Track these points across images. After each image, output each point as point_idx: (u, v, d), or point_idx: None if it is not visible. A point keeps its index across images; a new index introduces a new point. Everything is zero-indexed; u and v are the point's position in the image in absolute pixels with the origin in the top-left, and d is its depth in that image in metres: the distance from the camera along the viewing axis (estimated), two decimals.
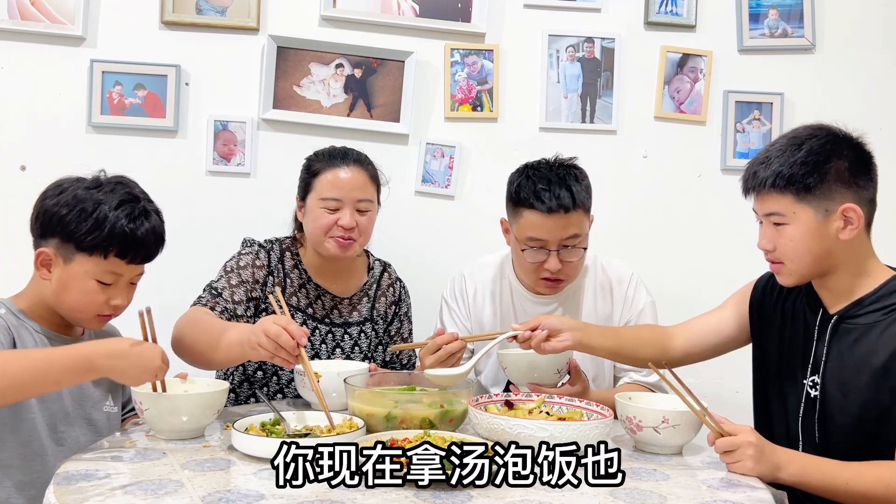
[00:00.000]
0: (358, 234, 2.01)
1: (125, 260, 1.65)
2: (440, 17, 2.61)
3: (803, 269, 1.63)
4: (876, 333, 1.57)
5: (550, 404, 1.69)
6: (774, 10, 2.70)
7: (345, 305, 2.12)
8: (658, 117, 2.71)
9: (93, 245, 1.61)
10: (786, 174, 1.58)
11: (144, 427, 1.65)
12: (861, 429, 1.58)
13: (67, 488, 1.28)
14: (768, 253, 1.66)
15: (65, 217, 1.61)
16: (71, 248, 1.62)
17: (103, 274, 1.64)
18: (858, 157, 1.63)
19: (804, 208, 1.58)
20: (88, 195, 1.63)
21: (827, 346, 1.64)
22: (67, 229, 1.61)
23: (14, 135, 2.49)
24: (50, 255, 1.64)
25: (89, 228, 1.61)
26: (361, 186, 2.03)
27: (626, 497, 1.30)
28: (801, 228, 1.59)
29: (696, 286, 2.67)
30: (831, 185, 1.57)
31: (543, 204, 1.93)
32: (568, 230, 1.95)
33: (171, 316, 2.15)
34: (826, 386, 1.63)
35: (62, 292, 1.64)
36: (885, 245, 2.18)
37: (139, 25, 2.52)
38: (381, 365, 2.15)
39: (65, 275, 1.63)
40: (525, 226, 1.97)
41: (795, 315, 1.73)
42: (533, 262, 1.98)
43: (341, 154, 2.07)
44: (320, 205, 2.01)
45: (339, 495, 1.25)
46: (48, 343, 1.66)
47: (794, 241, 1.60)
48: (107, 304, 1.67)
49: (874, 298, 1.61)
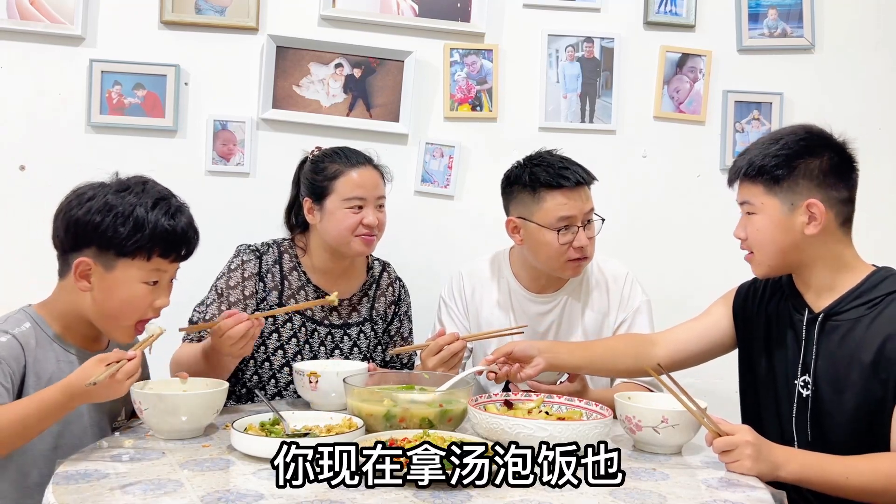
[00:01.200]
0: (379, 230, 2.06)
1: (168, 259, 1.63)
2: (439, 17, 2.61)
3: (770, 260, 1.68)
4: (862, 328, 1.60)
5: (550, 404, 1.69)
6: (774, 10, 2.70)
7: (344, 306, 2.12)
8: (657, 117, 2.71)
9: (136, 248, 1.58)
10: (757, 164, 1.65)
11: (144, 427, 1.65)
12: (855, 424, 1.59)
13: (66, 488, 1.28)
14: (742, 242, 1.73)
15: (100, 224, 1.57)
16: (111, 255, 1.58)
17: (149, 275, 1.61)
18: (836, 159, 1.65)
19: (772, 199, 1.65)
20: (119, 199, 1.59)
21: (816, 344, 1.66)
22: (105, 236, 1.57)
23: (13, 134, 2.49)
24: (90, 264, 1.59)
25: (129, 232, 1.57)
26: (379, 184, 2.07)
27: (626, 497, 1.30)
28: (767, 219, 1.66)
29: (695, 285, 2.66)
30: (798, 180, 1.63)
31: (569, 180, 1.99)
32: (588, 203, 2.04)
33: (170, 314, 2.16)
34: (818, 385, 1.65)
35: (106, 300, 1.61)
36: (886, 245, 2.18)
37: (138, 25, 2.52)
38: (380, 365, 2.15)
39: (107, 282, 1.59)
40: (552, 208, 2.00)
41: (780, 317, 1.76)
42: (564, 243, 2.00)
43: (355, 154, 2.08)
44: (345, 206, 2.01)
45: (338, 495, 1.25)
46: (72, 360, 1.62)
47: (760, 231, 1.67)
48: (151, 306, 1.64)
49: (857, 293, 1.64)
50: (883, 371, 1.55)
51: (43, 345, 1.61)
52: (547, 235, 2.00)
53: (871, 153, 2.71)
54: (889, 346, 1.55)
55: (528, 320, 2.13)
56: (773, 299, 1.79)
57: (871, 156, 2.69)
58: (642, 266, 2.32)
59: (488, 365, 1.85)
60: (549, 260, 2.05)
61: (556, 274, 2.08)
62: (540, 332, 2.14)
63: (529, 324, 2.12)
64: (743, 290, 1.87)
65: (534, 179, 2.02)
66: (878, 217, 2.68)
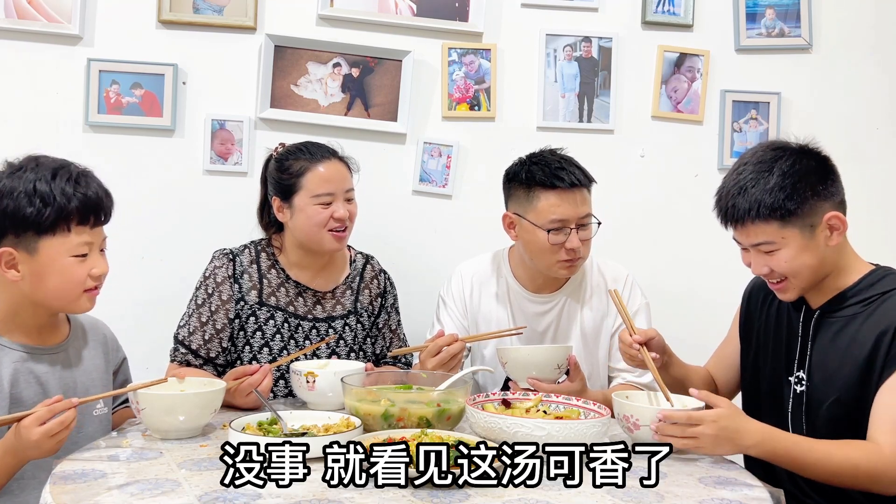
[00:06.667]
0: (350, 221, 2.06)
1: (88, 225, 1.60)
2: (438, 17, 2.61)
3: (804, 283, 1.67)
4: (857, 325, 1.62)
5: (547, 403, 1.69)
6: (771, 10, 2.70)
7: (327, 300, 2.12)
8: (655, 117, 2.71)
9: (53, 222, 1.55)
10: (767, 203, 1.60)
11: (141, 426, 1.65)
12: (847, 419, 1.61)
13: (64, 487, 1.28)
14: (767, 276, 1.69)
15: (7, 209, 1.55)
16: (30, 236, 1.56)
17: (75, 247, 1.58)
18: (821, 166, 1.66)
19: (790, 231, 1.62)
20: (17, 180, 1.56)
21: (811, 341, 1.69)
22: (17, 219, 1.55)
23: (10, 134, 2.48)
24: (12, 253, 1.57)
25: (39, 208, 1.54)
26: (346, 177, 2.07)
27: (624, 496, 1.30)
28: (792, 250, 1.63)
29: (693, 286, 2.68)
30: (810, 203, 1.61)
31: (563, 181, 1.97)
32: (584, 207, 2.01)
33: (169, 312, 2.17)
34: (812, 380, 1.68)
35: (40, 283, 1.58)
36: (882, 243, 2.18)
37: (136, 24, 2.51)
38: (371, 358, 2.16)
39: (36, 265, 1.57)
40: (545, 208, 1.99)
41: (780, 315, 1.78)
42: (555, 243, 1.99)
43: (319, 149, 2.08)
44: (314, 202, 2.01)
45: (336, 495, 1.25)
46: (28, 359, 1.62)
47: (789, 262, 1.64)
48: (89, 276, 1.61)
49: (855, 291, 1.65)
50: (877, 368, 1.57)
51: None
52: (539, 234, 2.01)
53: (869, 152, 2.75)
54: (882, 341, 1.57)
55: (526, 320, 2.13)
56: (775, 298, 1.79)
57: (868, 155, 2.73)
58: (639, 266, 2.32)
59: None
60: (540, 258, 2.05)
61: (548, 273, 2.08)
62: (539, 331, 2.14)
63: (528, 323, 2.12)
64: (745, 294, 1.91)
65: (530, 178, 2.02)
66: (875, 215, 2.69)
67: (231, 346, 2.05)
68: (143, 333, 2.29)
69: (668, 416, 1.51)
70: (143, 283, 2.47)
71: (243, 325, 2.04)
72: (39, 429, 1.41)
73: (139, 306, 2.43)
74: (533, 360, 1.88)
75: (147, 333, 2.30)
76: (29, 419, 1.42)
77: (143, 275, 2.47)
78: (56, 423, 1.42)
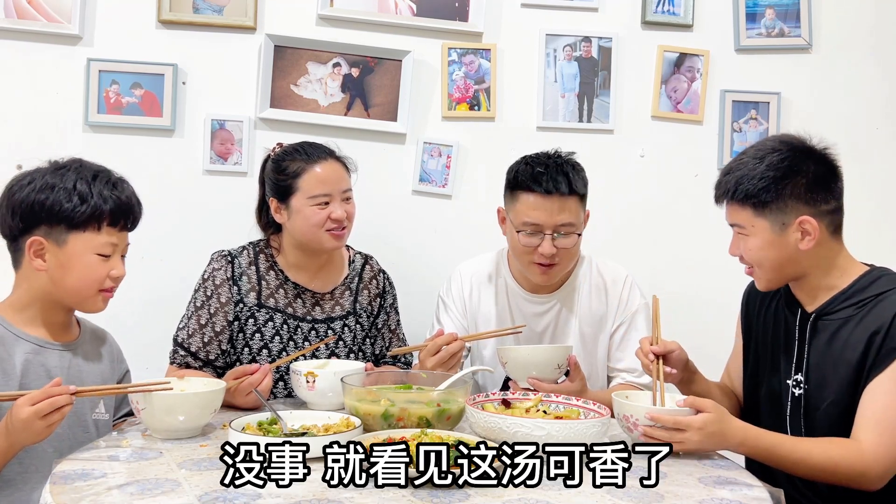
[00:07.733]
0: (349, 221, 2.05)
1: (117, 227, 1.68)
2: (437, 17, 2.61)
3: (770, 275, 1.70)
4: (850, 327, 1.63)
5: (547, 403, 1.69)
6: (771, 10, 2.70)
7: (326, 301, 2.12)
8: (655, 117, 2.71)
9: (85, 219, 1.63)
10: (744, 189, 1.65)
11: (141, 426, 1.65)
12: (844, 421, 1.61)
13: (64, 487, 1.28)
14: (740, 259, 1.74)
15: (46, 201, 1.62)
16: (62, 229, 1.63)
17: (101, 246, 1.66)
18: (821, 171, 1.66)
19: (762, 221, 1.65)
20: (59, 177, 1.65)
21: (807, 344, 1.69)
22: (54, 211, 1.62)
23: (10, 133, 2.48)
24: (42, 242, 1.63)
25: (76, 204, 1.62)
26: (343, 177, 2.06)
27: (624, 495, 1.30)
28: (759, 240, 1.66)
29: (693, 286, 2.68)
30: (787, 201, 1.63)
31: (541, 186, 1.96)
32: (563, 216, 1.97)
33: (169, 312, 2.17)
34: (809, 382, 1.68)
35: (63, 275, 1.65)
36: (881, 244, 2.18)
37: (136, 24, 2.51)
38: (371, 359, 2.15)
39: (62, 257, 1.64)
40: (521, 209, 1.99)
41: (777, 318, 1.79)
42: (527, 245, 1.99)
43: (315, 149, 2.07)
44: (311, 203, 2.00)
45: (336, 495, 1.25)
46: (40, 352, 1.65)
47: (753, 251, 1.68)
48: (108, 277, 1.68)
49: (849, 294, 1.66)
50: (870, 369, 1.58)
51: (6, 341, 1.62)
52: (514, 233, 2.02)
53: (869, 152, 2.75)
54: (873, 341, 1.58)
55: (525, 320, 2.13)
56: (772, 302, 1.82)
57: (867, 155, 2.73)
58: (639, 265, 2.33)
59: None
60: (518, 258, 2.07)
61: (526, 274, 2.08)
62: (537, 332, 2.14)
63: (527, 324, 2.12)
64: (744, 298, 1.91)
65: (515, 177, 2.03)
66: (874, 216, 2.69)
67: (230, 348, 2.05)
68: (143, 333, 2.30)
69: (656, 417, 1.53)
70: (142, 283, 2.46)
71: (242, 327, 2.04)
72: (30, 408, 1.43)
73: (139, 306, 2.43)
74: (533, 360, 1.88)
75: (147, 333, 2.30)
76: (22, 398, 1.45)
77: (143, 275, 2.46)
78: (47, 403, 1.43)
